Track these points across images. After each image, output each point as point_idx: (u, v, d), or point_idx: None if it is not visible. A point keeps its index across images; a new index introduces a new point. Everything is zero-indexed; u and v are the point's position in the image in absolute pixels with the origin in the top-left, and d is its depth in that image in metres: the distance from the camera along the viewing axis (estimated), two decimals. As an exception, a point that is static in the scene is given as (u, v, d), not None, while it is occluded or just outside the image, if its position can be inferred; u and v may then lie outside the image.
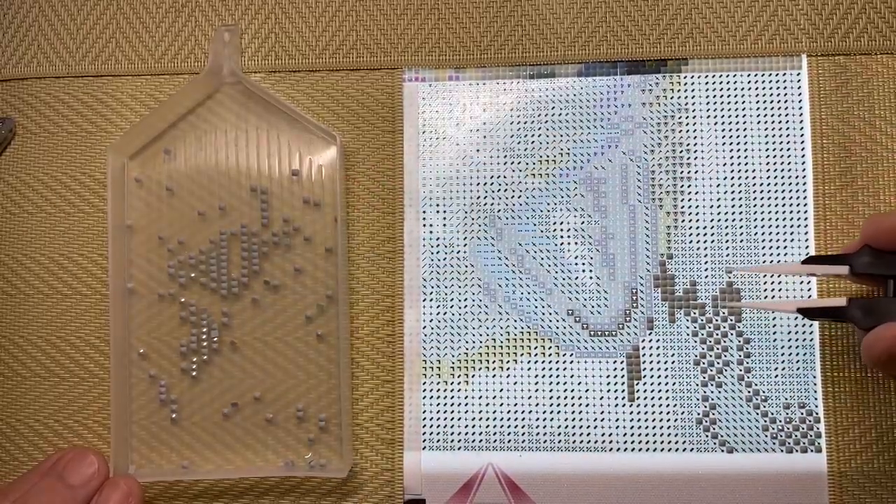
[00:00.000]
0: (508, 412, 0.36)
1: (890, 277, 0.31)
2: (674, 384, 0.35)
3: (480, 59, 0.37)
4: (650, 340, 0.36)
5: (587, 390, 0.36)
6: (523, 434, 0.36)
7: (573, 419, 0.36)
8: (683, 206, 0.36)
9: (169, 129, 0.38)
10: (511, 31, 0.37)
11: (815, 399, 0.35)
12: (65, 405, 0.37)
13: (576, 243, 0.36)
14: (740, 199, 0.36)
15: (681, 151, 0.36)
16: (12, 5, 0.39)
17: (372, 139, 0.37)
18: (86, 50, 0.39)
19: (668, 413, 0.35)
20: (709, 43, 0.37)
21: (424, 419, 0.36)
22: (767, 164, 0.36)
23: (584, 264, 0.36)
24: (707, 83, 0.36)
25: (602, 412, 0.36)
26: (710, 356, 0.35)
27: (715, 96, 0.36)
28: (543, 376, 0.36)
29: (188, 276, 0.37)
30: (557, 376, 0.36)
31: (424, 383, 0.36)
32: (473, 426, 0.36)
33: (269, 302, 0.37)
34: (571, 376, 0.36)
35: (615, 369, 0.36)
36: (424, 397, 0.36)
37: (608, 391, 0.36)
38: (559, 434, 0.36)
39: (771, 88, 0.36)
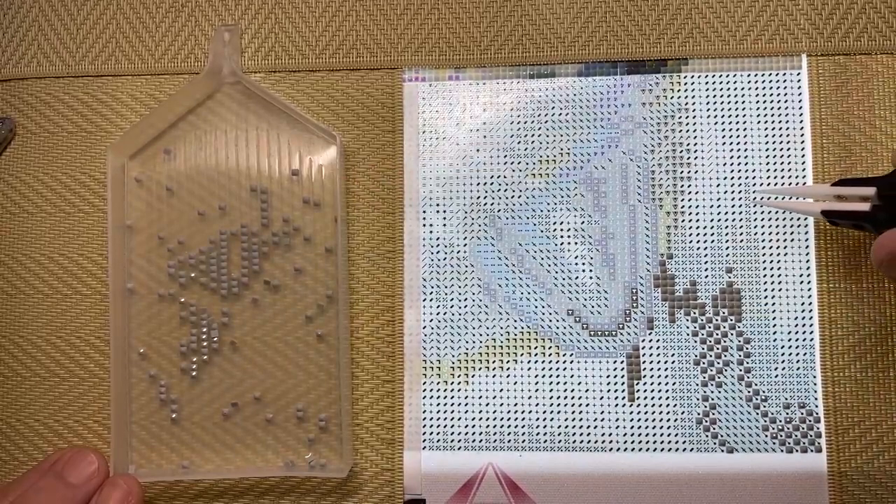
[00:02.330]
0: (508, 412, 0.36)
1: None
2: (674, 384, 0.35)
3: (480, 59, 0.37)
4: (650, 340, 0.36)
5: (587, 390, 0.36)
6: (523, 434, 0.36)
7: (573, 419, 0.36)
8: (683, 206, 0.36)
9: (169, 129, 0.38)
10: (511, 31, 0.37)
11: (815, 399, 0.35)
12: (65, 405, 0.37)
13: (576, 243, 0.36)
14: (740, 199, 0.36)
15: (681, 151, 0.36)
16: (12, 5, 0.39)
17: (372, 139, 0.37)
18: (86, 50, 0.39)
19: (668, 413, 0.35)
20: (709, 43, 0.37)
21: (424, 419, 0.36)
22: (767, 164, 0.36)
23: (584, 264, 0.36)
24: (707, 83, 0.36)
25: (602, 412, 0.36)
26: (710, 356, 0.35)
27: (715, 96, 0.36)
28: (543, 376, 0.36)
29: (188, 276, 0.37)
30: (557, 376, 0.36)
31: (424, 383, 0.36)
32: (473, 426, 0.36)
33: (269, 302, 0.37)
34: (571, 376, 0.36)
35: (615, 369, 0.36)
36: (424, 397, 0.36)
37: (608, 391, 0.36)
38: (559, 434, 0.36)
39: (771, 88, 0.36)
